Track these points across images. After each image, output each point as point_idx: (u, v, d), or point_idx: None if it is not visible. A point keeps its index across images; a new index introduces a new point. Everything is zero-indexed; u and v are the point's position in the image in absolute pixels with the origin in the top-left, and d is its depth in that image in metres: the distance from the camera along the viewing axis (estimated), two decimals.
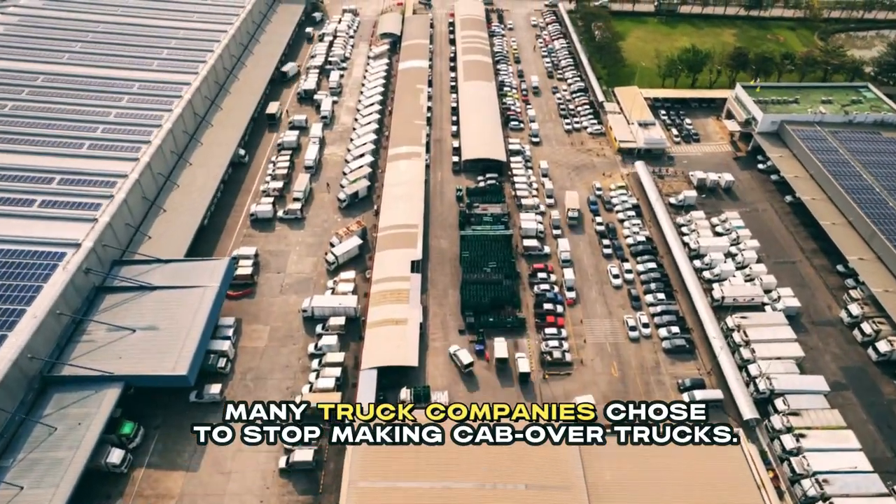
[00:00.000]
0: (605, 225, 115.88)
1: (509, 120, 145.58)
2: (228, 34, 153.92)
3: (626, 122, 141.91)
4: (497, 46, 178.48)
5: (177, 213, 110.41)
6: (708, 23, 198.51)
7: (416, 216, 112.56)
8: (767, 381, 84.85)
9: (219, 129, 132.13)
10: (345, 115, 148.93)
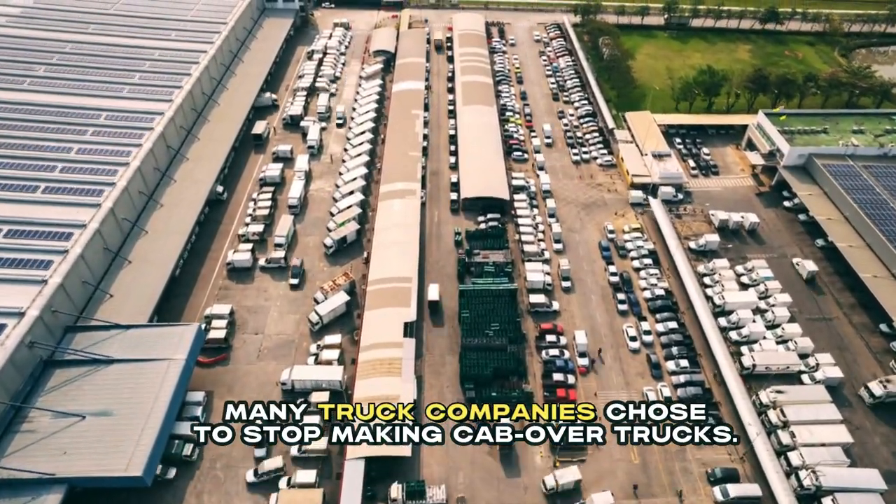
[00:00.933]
0: (619, 275, 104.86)
1: (512, 149, 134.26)
2: (209, 54, 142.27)
3: (640, 153, 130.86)
4: (498, 65, 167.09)
5: (144, 264, 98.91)
6: (721, 37, 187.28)
7: (411, 268, 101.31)
8: (813, 476, 74.04)
9: (195, 163, 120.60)
10: (334, 144, 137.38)
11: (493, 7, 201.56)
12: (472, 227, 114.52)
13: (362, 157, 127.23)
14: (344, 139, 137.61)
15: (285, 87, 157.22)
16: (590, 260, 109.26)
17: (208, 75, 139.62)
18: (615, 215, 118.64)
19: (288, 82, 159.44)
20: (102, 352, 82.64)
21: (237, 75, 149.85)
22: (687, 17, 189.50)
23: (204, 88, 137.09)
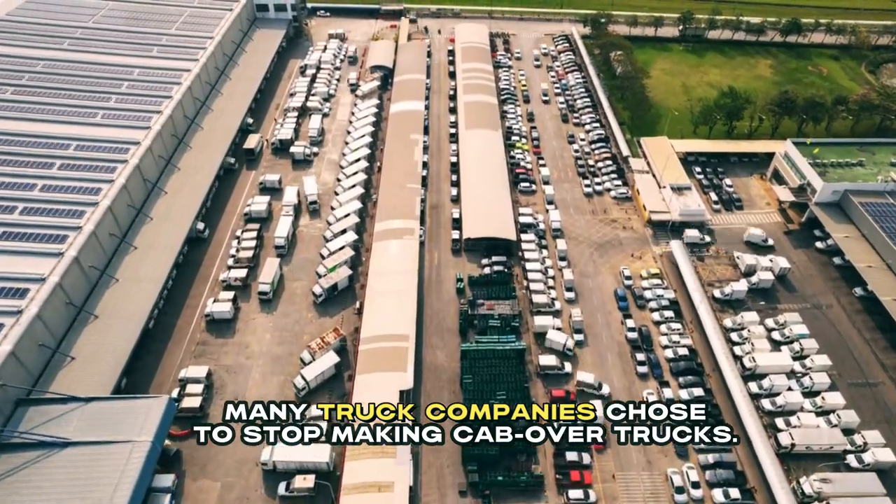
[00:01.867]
0: (637, 330, 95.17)
1: (518, 179, 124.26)
2: (192, 73, 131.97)
3: (657, 185, 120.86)
4: (503, 81, 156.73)
5: (112, 320, 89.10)
6: (740, 51, 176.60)
7: (408, 323, 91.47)
8: None
9: (173, 197, 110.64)
10: (326, 171, 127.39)
11: (498, 16, 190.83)
12: (475, 271, 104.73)
13: (356, 190, 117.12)
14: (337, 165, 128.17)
15: (276, 106, 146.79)
16: (605, 311, 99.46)
17: (191, 96, 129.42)
18: (632, 257, 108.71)
19: (279, 101, 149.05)
20: (58, 430, 73.17)
21: (223, 95, 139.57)
22: (703, 28, 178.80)
23: (186, 111, 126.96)
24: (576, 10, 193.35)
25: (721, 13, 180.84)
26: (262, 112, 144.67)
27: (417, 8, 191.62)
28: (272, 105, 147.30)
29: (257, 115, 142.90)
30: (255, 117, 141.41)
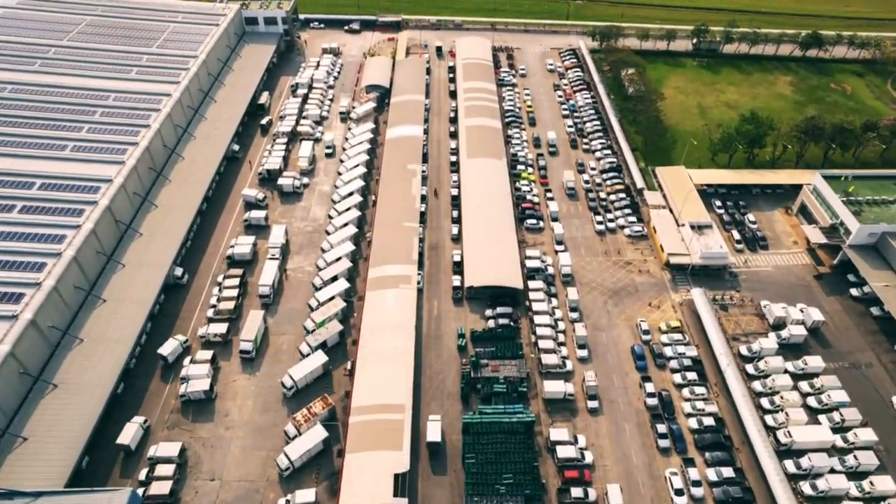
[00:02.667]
0: (658, 396, 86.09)
1: (525, 215, 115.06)
2: (173, 97, 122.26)
3: (675, 222, 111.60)
4: (507, 101, 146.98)
5: (73, 389, 79.69)
6: (757, 66, 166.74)
7: (404, 391, 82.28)
8: None
9: (149, 240, 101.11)
10: (317, 206, 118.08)
11: (501, 28, 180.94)
12: (478, 324, 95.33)
13: (349, 229, 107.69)
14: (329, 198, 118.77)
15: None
16: (621, 371, 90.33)
17: (171, 123, 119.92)
18: (649, 306, 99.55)
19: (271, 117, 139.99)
20: None
21: (207, 120, 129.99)
22: (718, 42, 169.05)
23: (166, 140, 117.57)
24: (583, 21, 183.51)
25: (737, 25, 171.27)
26: (250, 136, 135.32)
27: (416, 19, 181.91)
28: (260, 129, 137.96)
29: (245, 140, 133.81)
30: (243, 143, 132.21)
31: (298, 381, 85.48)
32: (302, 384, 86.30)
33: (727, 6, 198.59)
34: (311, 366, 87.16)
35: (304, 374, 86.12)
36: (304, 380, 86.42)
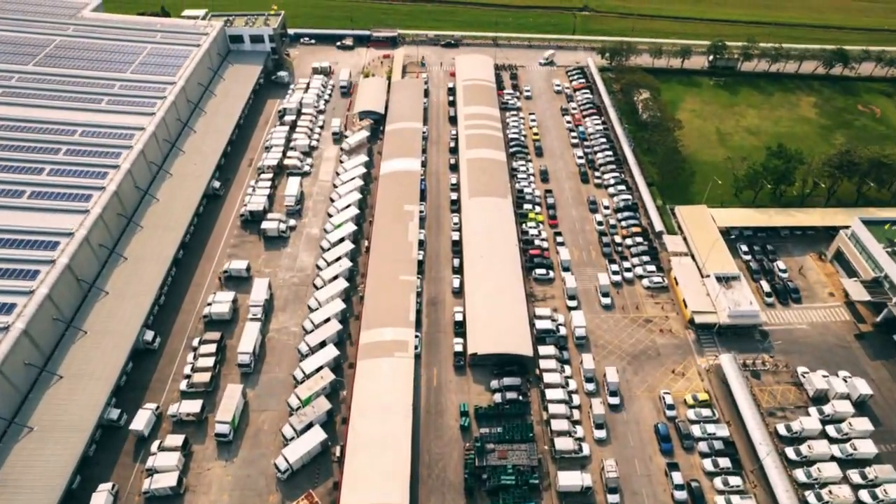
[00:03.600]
0: (686, 486, 76.05)
1: (533, 263, 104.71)
2: (147, 131, 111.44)
3: (698, 271, 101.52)
4: (512, 128, 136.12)
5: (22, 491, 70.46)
6: (778, 86, 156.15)
7: (399, 489, 72.35)
8: None
9: (116, 301, 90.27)
10: (304, 253, 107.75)
11: (503, 43, 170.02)
12: (482, 396, 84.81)
13: (338, 284, 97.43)
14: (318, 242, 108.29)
15: (248, 162, 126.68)
16: (644, 455, 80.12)
17: (144, 162, 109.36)
18: (673, 374, 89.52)
19: (252, 155, 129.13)
20: None
21: (185, 154, 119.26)
22: (736, 59, 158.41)
23: (138, 180, 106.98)
24: (591, 36, 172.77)
25: (756, 40, 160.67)
26: (233, 169, 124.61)
27: (413, 34, 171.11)
28: (244, 161, 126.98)
29: (227, 173, 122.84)
30: (224, 176, 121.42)
31: (294, 462, 75.49)
32: (297, 465, 76.41)
33: (743, 18, 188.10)
34: (307, 445, 76.96)
35: (300, 456, 75.97)
36: (301, 461, 76.47)
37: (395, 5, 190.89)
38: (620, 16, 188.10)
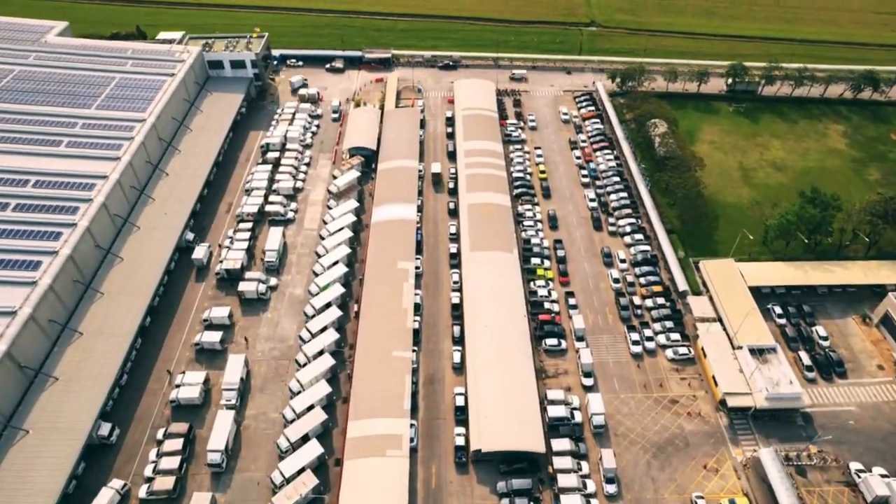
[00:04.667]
0: None
1: (544, 331, 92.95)
2: (111, 180, 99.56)
3: (728, 341, 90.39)
4: (516, 164, 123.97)
5: None
6: (802, 112, 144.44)
7: None
8: None
9: (65, 387, 78.69)
10: (286, 318, 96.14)
11: (505, 65, 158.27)
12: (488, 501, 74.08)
13: (324, 361, 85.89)
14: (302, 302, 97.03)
15: (227, 207, 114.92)
16: None
17: (107, 216, 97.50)
18: (705, 469, 78.41)
19: (231, 198, 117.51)
20: None
21: (155, 202, 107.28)
22: (757, 82, 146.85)
23: (99, 239, 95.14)
24: (599, 56, 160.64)
25: (777, 60, 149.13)
26: (210, 215, 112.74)
27: (408, 55, 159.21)
28: (222, 206, 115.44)
29: (203, 220, 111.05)
30: (200, 225, 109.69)
31: None
32: None
33: (760, 34, 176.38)
34: None
35: None
36: None
37: (389, 21, 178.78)
38: (629, 32, 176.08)
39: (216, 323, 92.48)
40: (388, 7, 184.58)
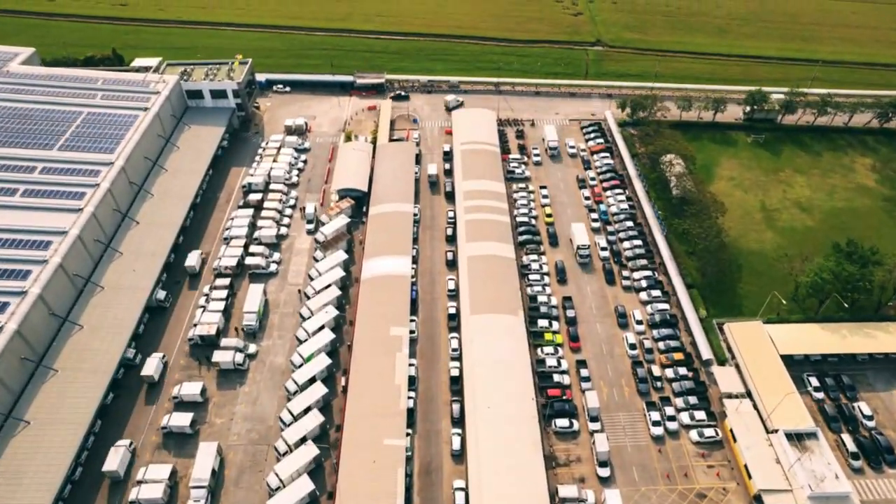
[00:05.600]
0: None
1: (553, 411, 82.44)
2: (70, 235, 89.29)
3: (761, 423, 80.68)
4: (520, 206, 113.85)
5: None
6: (826, 143, 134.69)
7: None
8: None
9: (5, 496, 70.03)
10: (266, 394, 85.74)
11: (507, 89, 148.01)
12: None
13: (307, 452, 75.91)
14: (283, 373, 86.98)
15: (203, 258, 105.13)
16: None
17: (64, 277, 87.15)
18: None
19: (209, 247, 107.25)
20: None
21: (123, 256, 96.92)
22: (777, 110, 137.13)
23: (54, 305, 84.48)
24: (607, 81, 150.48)
25: (799, 85, 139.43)
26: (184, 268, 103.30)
27: (403, 79, 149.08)
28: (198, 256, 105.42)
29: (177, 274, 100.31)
30: (173, 279, 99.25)
31: None
32: None
33: (776, 54, 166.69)
34: None
35: None
36: None
37: (382, 40, 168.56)
38: (638, 52, 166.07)
39: (187, 400, 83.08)
40: (381, 25, 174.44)
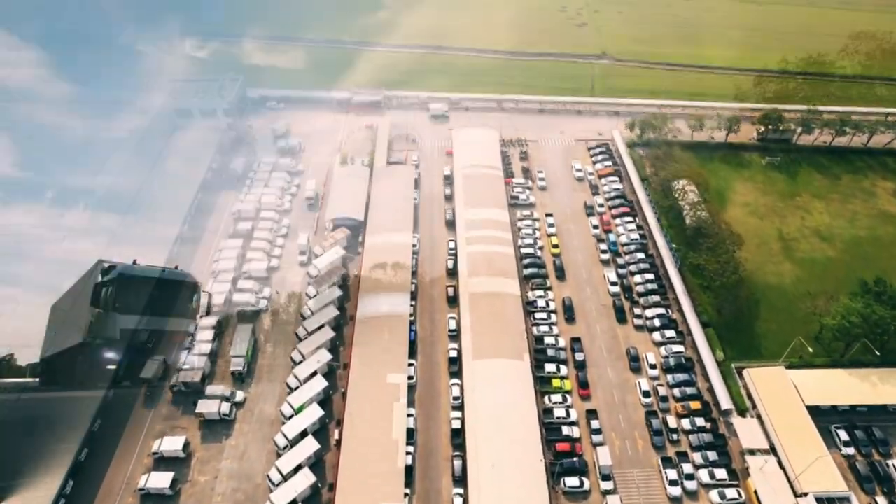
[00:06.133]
0: None
1: (563, 469, 76.38)
2: None
3: (788, 486, 74.67)
4: (525, 238, 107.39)
5: None
6: (844, 164, 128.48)
7: None
8: None
9: None
10: (254, 446, 79.83)
11: (510, 106, 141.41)
12: None
13: None
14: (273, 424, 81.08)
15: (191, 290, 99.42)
16: None
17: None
18: None
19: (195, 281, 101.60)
20: None
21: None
22: (792, 130, 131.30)
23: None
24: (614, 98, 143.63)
25: (816, 103, 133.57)
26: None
27: (402, 96, 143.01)
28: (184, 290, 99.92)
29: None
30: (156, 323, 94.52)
31: None
32: None
33: (789, 68, 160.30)
34: None
35: None
36: None
37: (377, 52, 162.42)
38: (645, 65, 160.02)
39: (168, 456, 77.37)
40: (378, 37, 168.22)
